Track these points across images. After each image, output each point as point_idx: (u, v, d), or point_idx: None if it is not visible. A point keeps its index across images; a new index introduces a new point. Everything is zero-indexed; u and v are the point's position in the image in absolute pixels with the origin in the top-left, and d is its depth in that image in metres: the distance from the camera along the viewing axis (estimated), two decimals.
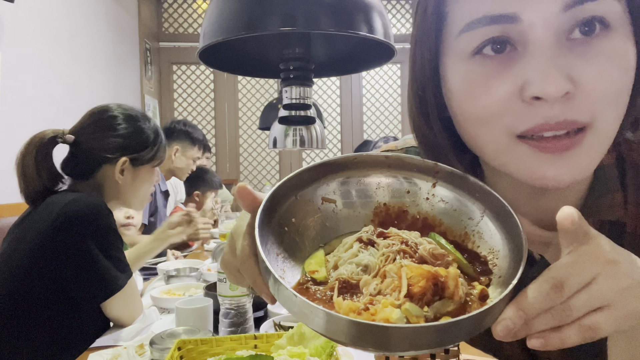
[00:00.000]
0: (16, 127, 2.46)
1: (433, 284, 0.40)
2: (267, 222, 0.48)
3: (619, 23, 0.47)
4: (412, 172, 0.54)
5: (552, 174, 0.48)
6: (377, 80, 5.35)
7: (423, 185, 0.54)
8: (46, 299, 1.10)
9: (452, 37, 0.52)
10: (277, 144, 1.37)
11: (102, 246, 1.11)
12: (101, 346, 1.03)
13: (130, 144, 1.27)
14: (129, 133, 1.28)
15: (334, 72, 1.54)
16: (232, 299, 0.95)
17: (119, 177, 1.25)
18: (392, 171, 0.55)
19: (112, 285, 1.11)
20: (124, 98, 4.05)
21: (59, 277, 1.10)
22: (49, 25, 2.84)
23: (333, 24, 1.00)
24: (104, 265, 1.10)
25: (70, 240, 1.09)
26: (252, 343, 0.80)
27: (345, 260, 0.46)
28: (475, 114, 0.51)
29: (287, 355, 0.72)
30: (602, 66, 0.46)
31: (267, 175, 5.30)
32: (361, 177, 0.55)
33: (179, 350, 0.78)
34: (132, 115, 1.31)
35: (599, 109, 0.47)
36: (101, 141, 1.24)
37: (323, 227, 0.52)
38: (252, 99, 5.21)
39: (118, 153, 1.25)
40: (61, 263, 1.09)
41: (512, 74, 0.48)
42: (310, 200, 0.53)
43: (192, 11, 5.11)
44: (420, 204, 0.53)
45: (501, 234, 0.49)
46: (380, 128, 5.34)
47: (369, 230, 0.48)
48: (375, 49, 1.31)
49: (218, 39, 1.04)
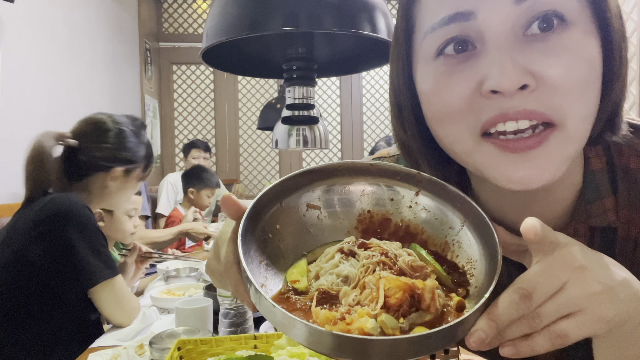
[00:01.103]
0: (16, 127, 2.45)
1: (410, 296, 0.41)
2: (251, 229, 0.48)
3: (578, 18, 0.47)
4: (396, 180, 0.55)
5: (519, 175, 0.47)
6: (377, 80, 5.35)
7: (406, 193, 0.54)
8: (32, 297, 1.12)
9: (419, 41, 0.53)
10: (281, 144, 1.37)
11: (83, 238, 1.13)
12: (101, 346, 1.03)
13: (126, 155, 1.33)
14: (127, 145, 1.33)
15: (337, 72, 1.54)
16: (232, 299, 0.95)
17: (110, 184, 1.31)
18: (377, 179, 0.55)
19: (96, 275, 1.13)
20: (124, 98, 4.05)
21: (43, 273, 1.12)
22: (49, 25, 2.84)
23: (336, 24, 1.00)
24: (86, 255, 1.12)
25: (51, 234, 1.11)
26: (252, 343, 0.80)
27: (327, 271, 0.47)
28: (441, 112, 0.51)
29: (286, 355, 0.71)
30: (565, 61, 0.46)
31: (267, 175, 5.30)
32: (346, 184, 0.55)
33: (179, 351, 0.78)
34: (131, 129, 1.37)
35: (565, 106, 0.46)
36: (100, 150, 1.29)
37: (307, 234, 0.53)
38: (252, 99, 5.21)
39: (114, 163, 1.31)
40: (44, 258, 1.11)
41: (471, 70, 0.48)
42: (295, 207, 0.53)
43: (192, 11, 5.11)
44: (403, 212, 0.53)
45: (478, 244, 0.49)
46: (380, 128, 5.34)
47: (350, 241, 0.49)
48: (378, 48, 1.31)
49: (221, 39, 1.04)
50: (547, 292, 0.40)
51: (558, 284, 0.40)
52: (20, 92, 2.52)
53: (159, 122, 4.95)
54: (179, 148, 4.96)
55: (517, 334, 0.41)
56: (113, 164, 1.30)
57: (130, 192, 1.42)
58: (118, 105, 3.90)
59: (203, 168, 3.25)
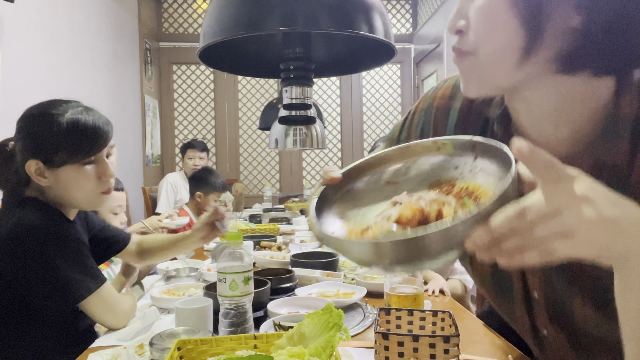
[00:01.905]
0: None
1: (419, 215, 0.54)
2: (333, 195, 0.67)
3: None
4: (455, 150, 0.65)
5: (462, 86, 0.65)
6: (377, 80, 5.35)
7: (467, 160, 0.63)
8: (9, 314, 1.08)
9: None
10: (278, 144, 1.37)
11: (62, 254, 1.07)
12: (101, 346, 1.03)
13: (36, 145, 1.12)
14: (35, 133, 1.13)
15: (335, 72, 1.54)
16: (232, 299, 0.95)
17: (40, 180, 1.12)
18: (440, 152, 0.66)
19: (80, 289, 1.07)
20: (124, 98, 4.05)
21: (20, 291, 1.07)
22: (49, 25, 2.84)
23: (333, 24, 1.00)
24: (67, 271, 1.06)
25: (30, 251, 1.04)
26: (252, 343, 0.80)
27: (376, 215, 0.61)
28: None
29: (287, 355, 0.71)
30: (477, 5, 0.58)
31: (267, 175, 5.30)
32: (416, 160, 0.68)
33: (179, 350, 0.78)
34: (40, 112, 1.15)
35: (479, 39, 0.59)
36: (17, 144, 1.15)
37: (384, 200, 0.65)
38: (252, 99, 5.21)
39: (27, 156, 1.12)
40: (21, 277, 1.05)
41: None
42: (376, 181, 0.69)
43: (192, 11, 5.11)
44: (465, 176, 0.62)
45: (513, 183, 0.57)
46: (380, 128, 5.34)
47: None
48: (376, 48, 1.31)
49: (218, 38, 1.04)
50: (541, 213, 0.45)
51: (554, 207, 0.45)
52: (20, 92, 2.52)
53: (159, 122, 4.95)
54: (178, 148, 4.96)
55: (512, 246, 0.46)
56: (25, 157, 1.12)
57: (82, 183, 1.14)
58: (118, 105, 3.90)
59: (209, 170, 3.20)
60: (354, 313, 1.21)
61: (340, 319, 0.75)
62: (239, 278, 0.94)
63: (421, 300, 1.08)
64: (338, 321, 0.74)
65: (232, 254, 0.96)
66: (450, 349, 0.75)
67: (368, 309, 1.23)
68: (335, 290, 1.35)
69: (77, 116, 1.13)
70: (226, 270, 0.95)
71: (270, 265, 1.70)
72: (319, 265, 1.58)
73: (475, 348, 0.97)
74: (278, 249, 1.95)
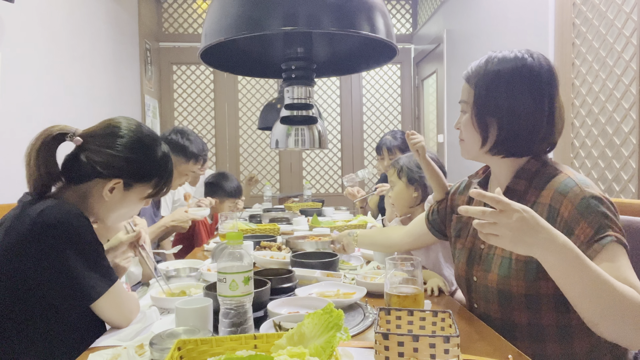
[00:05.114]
0: (16, 127, 2.46)
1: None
2: None
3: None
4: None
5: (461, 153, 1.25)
6: (377, 80, 5.35)
7: None
8: (26, 307, 1.08)
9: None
10: (279, 144, 1.37)
11: (80, 253, 1.07)
12: (101, 346, 1.03)
13: (129, 169, 1.20)
14: (132, 158, 1.20)
15: (336, 71, 1.54)
16: (232, 299, 0.95)
17: (107, 195, 1.19)
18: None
19: (94, 290, 1.08)
20: (124, 98, 4.05)
21: (37, 286, 1.07)
22: (49, 25, 2.84)
23: (335, 24, 1.00)
24: (82, 270, 1.07)
25: (46, 249, 1.05)
26: (252, 343, 0.80)
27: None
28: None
29: (287, 355, 0.71)
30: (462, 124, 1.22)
31: (267, 175, 5.30)
32: None
33: (179, 351, 0.78)
34: (145, 143, 1.23)
35: (464, 135, 1.22)
36: (102, 155, 1.18)
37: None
38: (252, 99, 5.21)
39: (114, 172, 1.18)
40: (38, 272, 1.06)
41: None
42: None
43: (192, 11, 5.11)
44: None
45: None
46: (380, 128, 5.34)
47: None
48: (377, 48, 1.31)
49: (219, 39, 1.04)
50: (490, 218, 0.86)
51: (495, 219, 0.86)
52: (20, 92, 2.52)
53: (159, 122, 4.95)
54: None
55: (478, 227, 0.89)
56: (111, 173, 1.18)
57: (129, 210, 1.26)
58: (118, 105, 3.90)
59: (225, 175, 3.13)
60: (354, 313, 1.21)
61: (340, 319, 0.75)
62: (239, 278, 0.94)
63: (421, 300, 1.07)
64: (338, 321, 0.74)
65: (232, 254, 0.96)
66: (450, 349, 0.75)
67: (368, 309, 1.23)
68: (335, 290, 1.35)
69: (168, 159, 1.29)
70: (226, 270, 0.95)
71: (270, 265, 1.70)
72: (319, 265, 1.58)
73: (475, 348, 0.97)
74: (278, 249, 1.95)
